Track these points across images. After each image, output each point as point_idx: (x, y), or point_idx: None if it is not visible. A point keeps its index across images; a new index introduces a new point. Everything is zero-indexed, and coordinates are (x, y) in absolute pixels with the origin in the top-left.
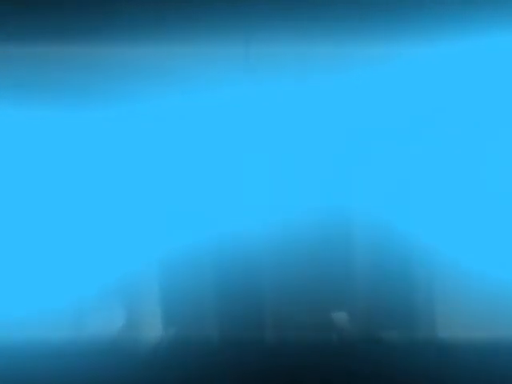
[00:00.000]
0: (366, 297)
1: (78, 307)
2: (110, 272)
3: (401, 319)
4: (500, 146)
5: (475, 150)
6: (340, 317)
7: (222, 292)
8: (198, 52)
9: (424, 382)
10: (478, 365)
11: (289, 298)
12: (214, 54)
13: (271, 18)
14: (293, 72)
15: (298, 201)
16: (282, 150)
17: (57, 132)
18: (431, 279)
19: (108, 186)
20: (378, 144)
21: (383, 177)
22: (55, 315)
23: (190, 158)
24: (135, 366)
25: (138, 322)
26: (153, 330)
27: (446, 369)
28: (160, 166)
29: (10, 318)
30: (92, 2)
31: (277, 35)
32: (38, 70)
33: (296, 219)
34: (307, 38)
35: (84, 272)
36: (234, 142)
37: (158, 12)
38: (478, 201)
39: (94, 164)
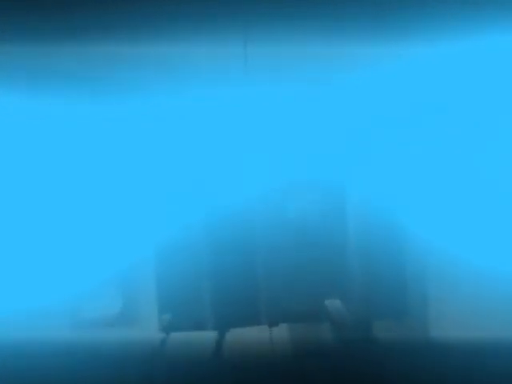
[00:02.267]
0: (359, 285)
1: (74, 303)
2: (106, 262)
3: (394, 307)
4: (496, 143)
5: (472, 147)
6: (334, 304)
7: (217, 281)
8: (197, 52)
9: (416, 373)
10: (469, 353)
11: (283, 285)
12: (212, 53)
13: (269, 19)
14: (291, 71)
15: (293, 191)
16: (279, 145)
17: (52, 124)
18: (425, 268)
19: (102, 179)
20: (375, 138)
21: (381, 171)
22: (52, 311)
23: (184, 151)
24: (133, 357)
25: (134, 312)
26: (148, 320)
27: (440, 359)
28: (154, 158)
29: (5, 317)
30: (94, 3)
31: (275, 35)
32: (47, 67)
33: (291, 208)
34: (305, 37)
35: (79, 266)
36: (232, 133)
37: (156, 12)
38: (476, 196)
39: (87, 155)
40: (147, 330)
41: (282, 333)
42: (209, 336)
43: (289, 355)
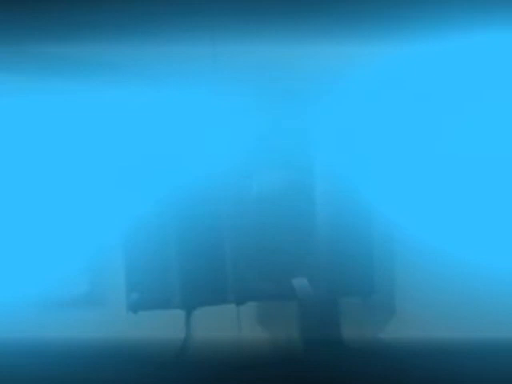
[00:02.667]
0: (327, 264)
1: (40, 284)
2: (72, 242)
3: (362, 286)
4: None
5: (462, 139)
6: (300, 283)
7: (183, 260)
8: (165, 51)
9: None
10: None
11: (250, 264)
12: (180, 53)
13: (238, 17)
14: (261, 71)
15: (260, 169)
16: (243, 124)
17: (28, 119)
18: (394, 247)
19: (68, 163)
20: (344, 116)
21: (351, 151)
22: (18, 293)
23: (149, 137)
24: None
25: (101, 292)
26: (115, 299)
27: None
28: (118, 143)
29: None
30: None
31: (244, 34)
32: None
33: (258, 186)
34: (278, 36)
35: (44, 247)
36: (197, 119)
37: (123, 11)
38: (452, 180)
39: (53, 142)
40: (114, 309)
41: (249, 311)
42: (176, 314)
43: (256, 333)
